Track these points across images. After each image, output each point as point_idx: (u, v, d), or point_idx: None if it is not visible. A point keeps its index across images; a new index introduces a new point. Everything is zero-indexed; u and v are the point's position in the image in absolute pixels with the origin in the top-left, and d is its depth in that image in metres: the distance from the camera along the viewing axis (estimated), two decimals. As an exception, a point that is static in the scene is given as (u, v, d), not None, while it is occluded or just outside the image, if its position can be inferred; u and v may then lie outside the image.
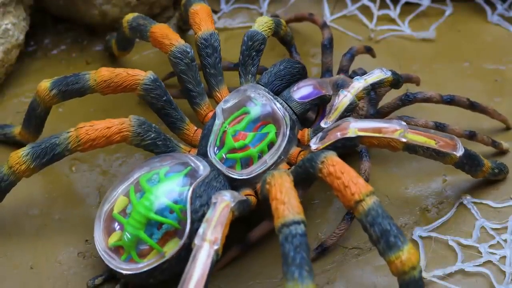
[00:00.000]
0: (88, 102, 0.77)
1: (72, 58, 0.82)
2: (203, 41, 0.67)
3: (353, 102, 0.63)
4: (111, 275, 0.61)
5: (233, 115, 0.64)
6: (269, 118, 0.64)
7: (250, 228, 0.64)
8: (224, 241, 0.54)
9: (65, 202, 0.68)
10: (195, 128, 0.67)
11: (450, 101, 0.70)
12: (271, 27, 0.70)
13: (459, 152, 0.62)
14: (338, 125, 0.60)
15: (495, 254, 0.63)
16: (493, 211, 0.66)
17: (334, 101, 0.63)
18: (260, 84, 0.66)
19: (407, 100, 0.70)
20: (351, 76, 0.73)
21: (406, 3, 0.84)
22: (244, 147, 0.62)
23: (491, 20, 0.84)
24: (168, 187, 0.58)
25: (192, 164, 0.60)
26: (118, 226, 0.59)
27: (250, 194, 0.62)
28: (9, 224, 0.67)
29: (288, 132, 0.63)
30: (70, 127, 0.75)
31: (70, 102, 0.77)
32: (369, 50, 0.77)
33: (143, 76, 0.65)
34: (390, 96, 0.72)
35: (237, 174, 0.62)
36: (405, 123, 0.60)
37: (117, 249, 0.59)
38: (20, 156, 0.61)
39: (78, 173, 0.71)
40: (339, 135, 0.60)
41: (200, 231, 0.54)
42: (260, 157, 0.62)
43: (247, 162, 0.62)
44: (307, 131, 0.65)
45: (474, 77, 0.78)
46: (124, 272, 0.58)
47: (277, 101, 0.65)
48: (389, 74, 0.65)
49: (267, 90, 0.65)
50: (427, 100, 0.70)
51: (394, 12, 0.85)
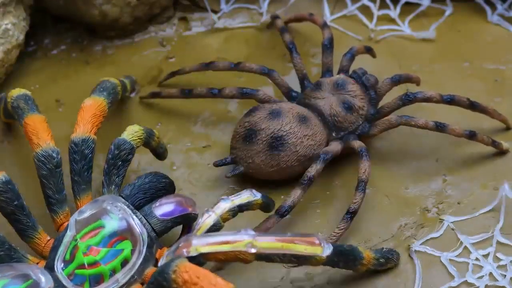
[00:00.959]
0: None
1: (72, 58, 0.82)
2: (73, 146, 0.64)
3: (217, 223, 0.59)
4: None
5: (87, 228, 0.59)
6: (126, 234, 0.59)
7: (251, 227, 0.64)
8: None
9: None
10: (48, 238, 0.62)
11: (450, 101, 0.70)
12: (141, 137, 0.65)
13: (326, 252, 0.56)
14: (181, 243, 0.56)
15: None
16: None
17: (198, 220, 0.60)
18: (122, 196, 0.62)
19: (407, 100, 0.70)
20: (352, 76, 0.73)
21: (406, 3, 0.84)
22: (94, 264, 0.58)
23: (491, 20, 0.84)
24: None
25: (34, 277, 0.56)
26: None
27: None
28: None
29: (145, 250, 0.59)
30: (70, 127, 0.75)
31: (70, 103, 0.77)
32: (369, 50, 0.77)
33: None
34: (391, 96, 0.72)
35: None
36: (254, 232, 0.55)
37: None
38: None
39: (78, 173, 0.71)
40: (185, 253, 0.55)
41: None
42: (112, 275, 0.58)
43: (97, 280, 0.58)
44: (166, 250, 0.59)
45: (474, 77, 0.78)
46: None
47: (136, 216, 0.60)
48: (259, 197, 0.62)
49: (128, 204, 0.61)
50: (427, 100, 0.70)
51: (394, 12, 0.85)
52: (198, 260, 0.55)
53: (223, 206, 0.60)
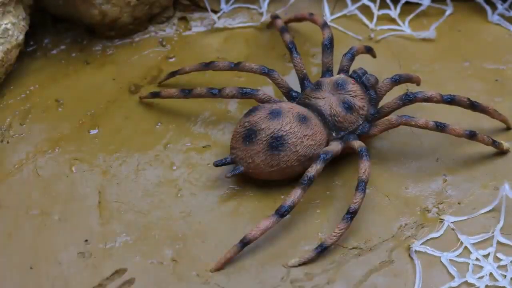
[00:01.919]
0: (88, 103, 0.77)
1: (72, 58, 0.82)
2: None
3: None
4: None
5: None
6: None
7: (249, 227, 0.64)
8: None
9: (65, 202, 0.68)
10: None
11: (451, 101, 0.70)
12: None
13: None
14: None
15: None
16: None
17: None
18: None
19: (408, 100, 0.70)
20: (352, 76, 0.73)
21: (406, 3, 0.84)
22: None
23: (492, 20, 0.84)
24: None
25: None
26: None
27: None
28: (9, 224, 0.67)
29: None
30: (70, 127, 0.75)
31: (70, 103, 0.77)
32: (370, 50, 0.77)
33: None
34: (391, 96, 0.72)
35: None
36: None
37: None
38: None
39: (78, 173, 0.71)
40: None
41: None
42: None
43: None
44: None
45: (474, 77, 0.78)
46: None
47: None
48: None
49: None
50: (428, 100, 0.70)
51: (394, 12, 0.85)
52: None
53: None
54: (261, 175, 0.68)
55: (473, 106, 0.71)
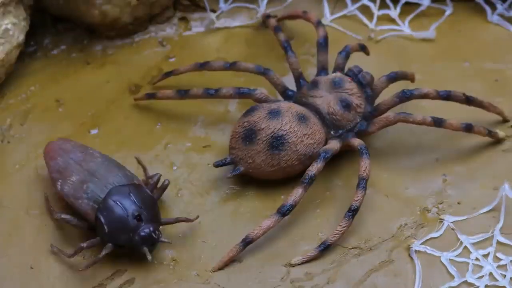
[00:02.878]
0: (89, 103, 0.77)
1: (72, 58, 0.82)
2: None
3: None
4: None
5: None
6: None
7: (249, 227, 0.64)
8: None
9: (65, 202, 0.68)
10: None
11: (447, 97, 0.70)
12: None
13: None
14: None
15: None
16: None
17: None
18: None
19: (404, 97, 0.70)
20: (347, 74, 0.72)
21: (406, 3, 0.84)
22: None
23: (491, 20, 0.84)
24: None
25: None
26: None
27: None
28: (9, 224, 0.67)
29: None
30: (70, 127, 0.75)
31: (71, 103, 0.77)
32: (363, 48, 0.77)
33: None
34: (387, 93, 0.72)
35: None
36: None
37: None
38: None
39: (78, 173, 0.71)
40: None
41: None
42: None
43: None
44: None
45: (474, 77, 0.78)
46: None
47: None
48: None
49: None
50: (424, 97, 0.70)
51: (394, 12, 0.84)
52: None
53: None
54: (262, 175, 0.68)
55: (469, 101, 0.71)
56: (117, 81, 0.79)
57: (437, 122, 0.69)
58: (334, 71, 0.74)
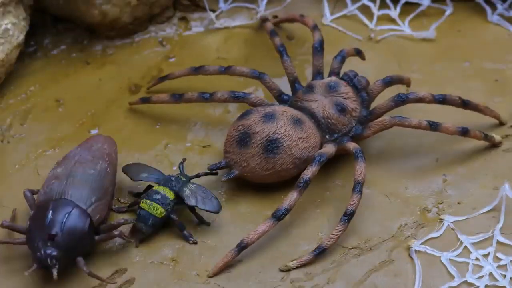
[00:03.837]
0: (89, 103, 0.77)
1: (72, 58, 0.82)
2: None
3: None
4: None
5: None
6: None
7: (248, 228, 0.64)
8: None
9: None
10: None
11: (442, 100, 0.70)
12: None
13: None
14: None
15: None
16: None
17: None
18: None
19: (400, 101, 0.70)
20: (343, 78, 0.72)
21: (406, 3, 0.84)
22: None
23: (491, 20, 0.84)
24: None
25: None
26: None
27: None
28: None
29: None
30: (70, 127, 0.75)
31: (70, 103, 0.77)
32: (359, 53, 0.76)
33: None
34: (383, 97, 0.72)
35: None
36: None
37: None
38: None
39: (78, 173, 0.71)
40: None
41: None
42: None
43: None
44: None
45: (474, 77, 0.78)
46: None
47: None
48: None
49: None
50: (420, 101, 0.70)
51: (394, 12, 0.85)
52: None
53: None
54: (256, 179, 0.68)
55: (465, 104, 0.71)
56: (117, 81, 0.79)
57: (433, 126, 0.68)
58: (330, 75, 0.73)
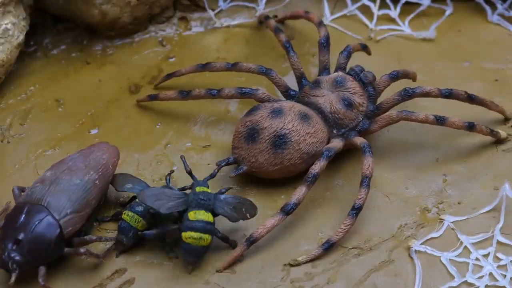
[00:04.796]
0: (89, 103, 0.77)
1: (72, 58, 0.82)
2: None
3: None
4: None
5: None
6: None
7: (249, 227, 0.64)
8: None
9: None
10: None
11: (449, 95, 0.70)
12: None
13: None
14: None
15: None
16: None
17: None
18: None
19: (407, 95, 0.70)
20: (349, 73, 0.72)
21: (406, 3, 0.84)
22: None
23: (491, 20, 0.84)
24: None
25: None
26: None
27: None
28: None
29: None
30: (70, 127, 0.75)
31: (70, 103, 0.77)
32: (365, 48, 0.77)
33: None
34: (390, 92, 0.72)
35: None
36: None
37: None
38: None
39: (78, 173, 0.71)
40: None
41: None
42: None
43: None
44: None
45: (474, 77, 0.78)
46: None
47: None
48: None
49: None
50: (426, 95, 0.70)
51: (394, 12, 0.84)
52: None
53: None
54: (264, 174, 0.68)
55: (471, 99, 0.71)
56: (117, 81, 0.79)
57: (440, 120, 0.69)
58: (336, 71, 0.74)
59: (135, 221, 0.64)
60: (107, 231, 0.66)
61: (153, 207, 0.62)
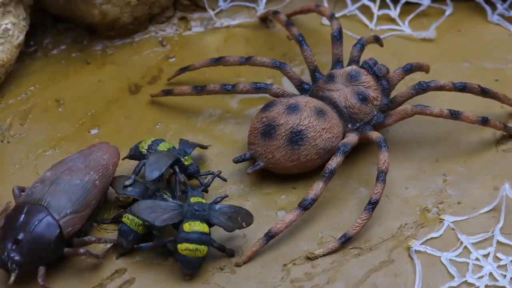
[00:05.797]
0: (89, 103, 0.77)
1: (72, 58, 0.82)
2: None
3: None
4: None
5: None
6: None
7: (249, 227, 0.64)
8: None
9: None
10: None
11: (463, 88, 0.70)
12: None
13: None
14: None
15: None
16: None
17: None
18: None
19: (421, 89, 0.70)
20: (363, 67, 0.72)
21: (406, 3, 0.84)
22: None
23: (491, 20, 0.84)
24: None
25: None
26: None
27: None
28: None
29: None
30: (70, 127, 0.75)
31: (70, 103, 0.77)
32: (378, 40, 0.77)
33: None
34: (403, 85, 0.72)
35: None
36: None
37: None
38: None
39: (78, 173, 0.71)
40: None
41: None
42: None
43: None
44: None
45: (474, 77, 0.78)
46: None
47: None
48: None
49: None
50: (440, 88, 0.70)
51: (394, 12, 0.85)
52: None
53: None
54: (281, 170, 0.68)
55: (484, 92, 0.71)
56: (117, 81, 0.79)
57: (454, 115, 0.69)
58: (350, 64, 0.74)
59: (136, 225, 0.63)
60: (107, 232, 0.66)
61: (148, 220, 0.62)
